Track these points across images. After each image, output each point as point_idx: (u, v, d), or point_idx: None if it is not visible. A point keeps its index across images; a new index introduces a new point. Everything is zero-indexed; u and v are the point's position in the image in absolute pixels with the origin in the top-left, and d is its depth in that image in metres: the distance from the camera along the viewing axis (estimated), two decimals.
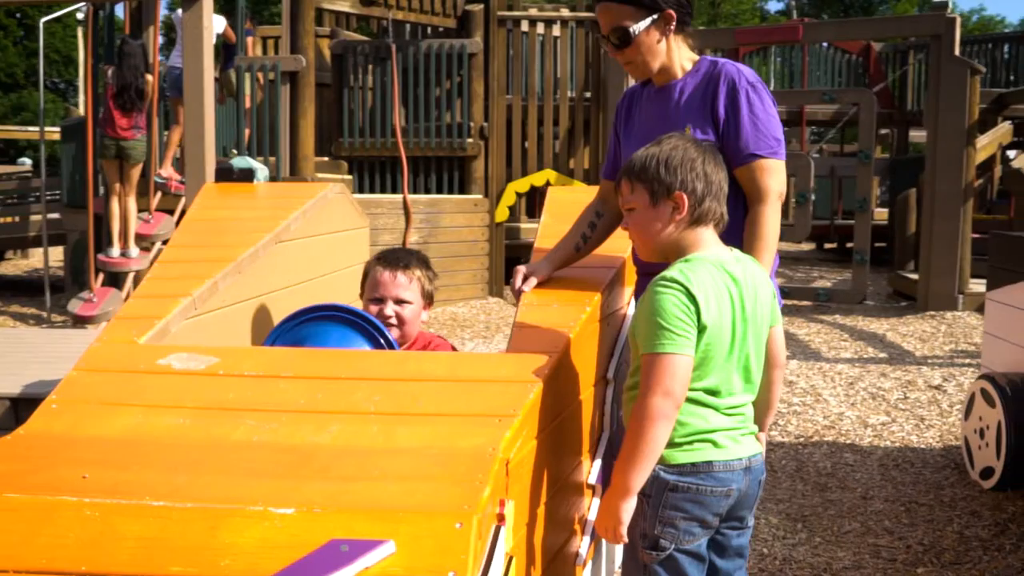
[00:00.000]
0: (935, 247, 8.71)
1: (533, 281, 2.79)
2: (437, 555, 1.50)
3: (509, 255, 11.09)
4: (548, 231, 3.51)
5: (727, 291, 2.08)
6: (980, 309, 8.83)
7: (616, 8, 2.52)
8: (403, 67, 10.00)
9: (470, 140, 10.29)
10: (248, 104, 8.65)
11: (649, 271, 2.81)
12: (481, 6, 10.26)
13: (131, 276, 7.51)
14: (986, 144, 9.19)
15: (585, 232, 2.92)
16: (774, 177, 2.56)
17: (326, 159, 10.06)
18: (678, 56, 2.65)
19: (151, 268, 3.10)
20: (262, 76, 8.71)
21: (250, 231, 3.47)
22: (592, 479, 2.84)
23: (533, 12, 10.72)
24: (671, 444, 2.06)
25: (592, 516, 2.80)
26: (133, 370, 2.34)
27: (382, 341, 2.62)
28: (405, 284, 2.87)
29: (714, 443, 2.07)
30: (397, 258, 2.92)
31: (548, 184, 11.02)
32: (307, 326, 2.67)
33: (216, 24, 6.88)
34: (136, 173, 7.54)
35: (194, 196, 6.46)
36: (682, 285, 2.01)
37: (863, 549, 3.80)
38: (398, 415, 2.10)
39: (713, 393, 2.07)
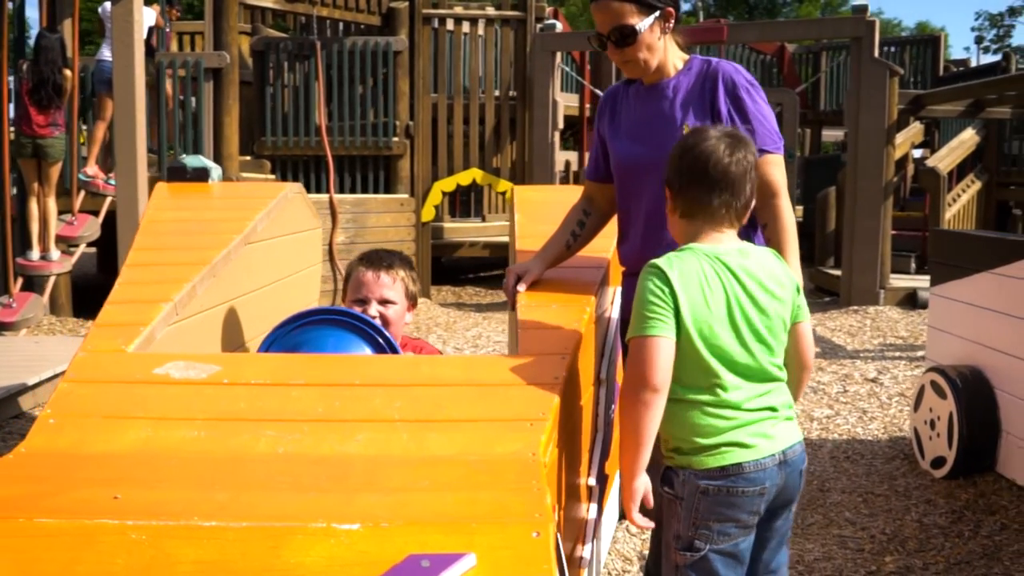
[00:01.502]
0: (857, 244, 8.97)
1: (527, 281, 2.76)
2: (519, 566, 1.45)
3: (435, 255, 11.01)
4: (525, 231, 3.48)
5: (720, 281, 2.07)
6: (901, 303, 9.14)
7: (618, 6, 2.50)
8: (327, 65, 9.82)
9: (395, 139, 10.18)
10: (170, 102, 8.37)
11: (636, 271, 2.81)
12: (406, 3, 10.16)
13: (52, 280, 7.18)
14: (900, 143, 9.50)
15: (575, 230, 2.90)
16: (780, 170, 2.61)
17: (248, 158, 9.81)
18: (672, 54, 2.66)
19: (121, 272, 2.95)
20: (184, 72, 8.43)
21: (218, 232, 3.34)
22: (592, 481, 2.81)
23: (458, 10, 10.65)
24: (699, 449, 2.07)
25: (591, 516, 2.78)
26: (129, 380, 2.22)
27: (382, 343, 2.55)
28: (389, 284, 2.81)
29: (741, 444, 2.06)
30: (380, 258, 2.85)
31: (475, 183, 11.01)
32: (302, 331, 2.57)
33: (147, 17, 6.63)
34: (55, 172, 7.21)
35: (125, 195, 6.25)
36: (657, 268, 2.06)
37: (829, 540, 3.87)
38: (425, 422, 2.03)
39: (725, 389, 2.07)
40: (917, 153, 12.51)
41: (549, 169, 10.33)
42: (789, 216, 2.58)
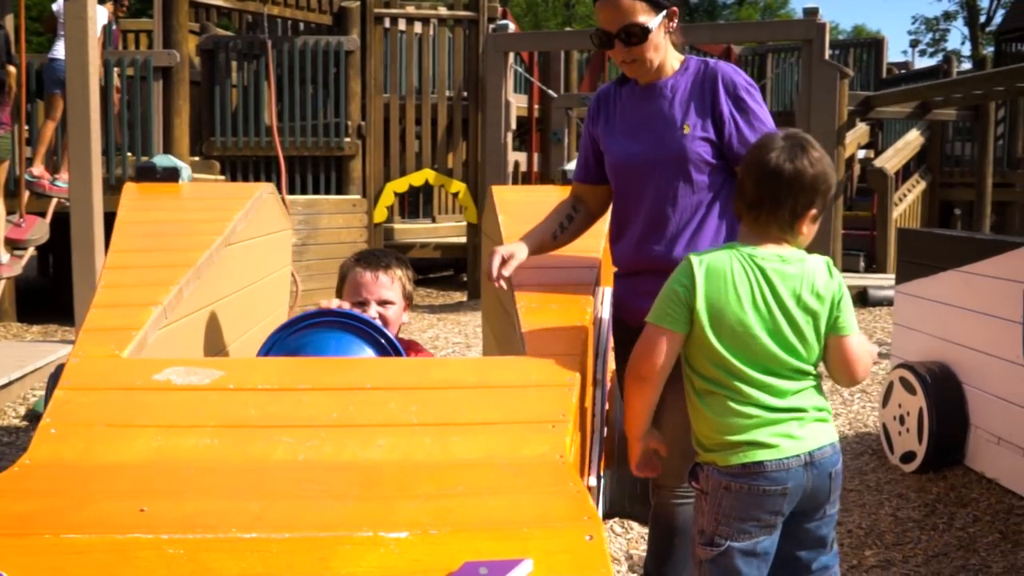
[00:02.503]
0: (809, 243, 9.08)
1: (515, 264, 2.64)
2: (577, 570, 1.43)
3: None
4: (511, 231, 3.42)
5: (748, 281, 2.10)
6: (852, 301, 9.28)
7: (629, 4, 2.48)
8: (278, 64, 9.68)
9: (347, 139, 10.08)
10: (117, 102, 8.16)
11: (631, 271, 2.80)
12: (357, 3, 10.05)
13: (1, 284, 6.95)
14: (848, 144, 9.67)
15: (563, 223, 2.85)
16: None
17: (196, 159, 9.62)
18: (670, 54, 2.65)
19: (102, 274, 2.85)
20: (132, 71, 8.23)
21: (198, 233, 3.26)
22: (592, 481, 2.80)
23: (410, 10, 10.58)
24: (722, 446, 2.11)
25: None
26: (129, 387, 2.14)
27: (385, 345, 2.50)
28: (388, 284, 2.76)
29: (763, 444, 2.07)
30: (377, 258, 2.79)
31: (427, 184, 10.94)
32: (303, 334, 2.51)
33: (100, 16, 6.45)
34: (2, 173, 6.97)
35: (79, 196, 6.06)
36: (687, 261, 2.14)
37: None
38: (445, 425, 2.00)
39: (747, 387, 2.09)
40: (861, 154, 12.75)
41: (502, 170, 10.30)
42: None
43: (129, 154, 8.21)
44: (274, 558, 1.41)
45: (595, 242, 3.16)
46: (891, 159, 9.95)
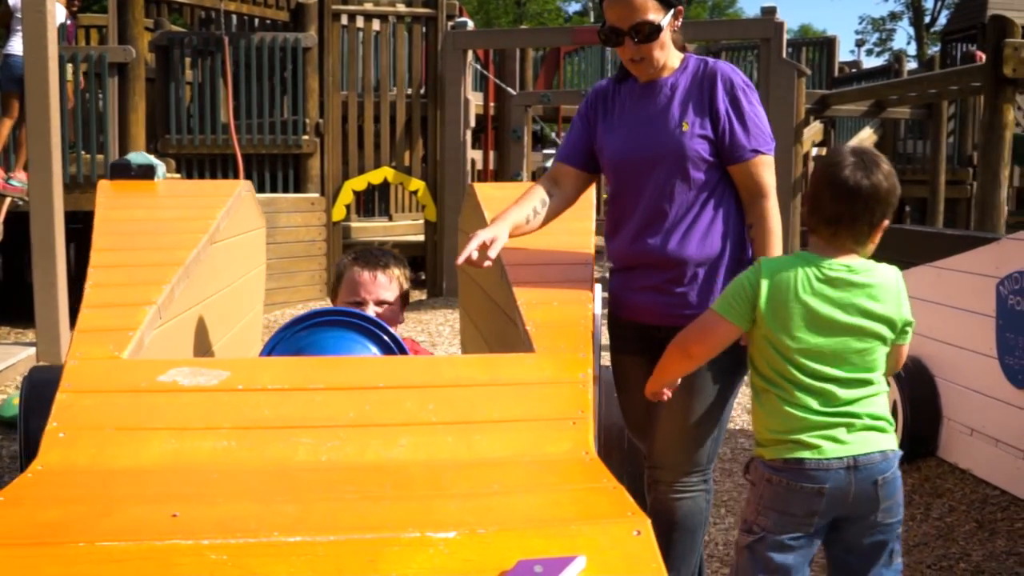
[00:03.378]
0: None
1: (499, 246, 2.55)
2: (627, 565, 1.42)
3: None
4: None
5: (811, 288, 2.17)
6: None
7: (641, 2, 2.49)
8: (234, 61, 9.53)
9: (305, 137, 9.95)
10: (71, 99, 7.96)
11: (626, 266, 2.80)
12: None
13: None
14: (804, 141, 9.79)
15: (536, 207, 2.75)
16: (771, 172, 2.66)
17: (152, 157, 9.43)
18: (672, 53, 2.66)
19: (89, 274, 2.78)
20: (87, 67, 8.04)
21: (182, 232, 3.20)
22: None
23: (368, 7, 10.48)
24: (769, 440, 2.22)
25: None
26: (135, 389, 2.09)
27: (390, 343, 2.47)
28: (386, 284, 2.72)
29: (805, 443, 2.14)
30: (375, 257, 2.76)
31: (385, 182, 10.86)
32: (307, 333, 2.47)
33: (58, 14, 6.29)
34: None
35: (40, 195, 5.91)
36: (757, 265, 2.25)
37: None
38: (465, 424, 1.98)
39: (798, 389, 2.16)
40: (814, 151, 12.94)
41: (461, 168, 10.27)
42: (775, 218, 2.63)
43: (84, 153, 8.02)
44: (321, 561, 1.38)
45: (586, 239, 3.15)
46: None
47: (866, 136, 10.73)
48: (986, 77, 6.52)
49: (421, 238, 12.37)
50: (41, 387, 3.58)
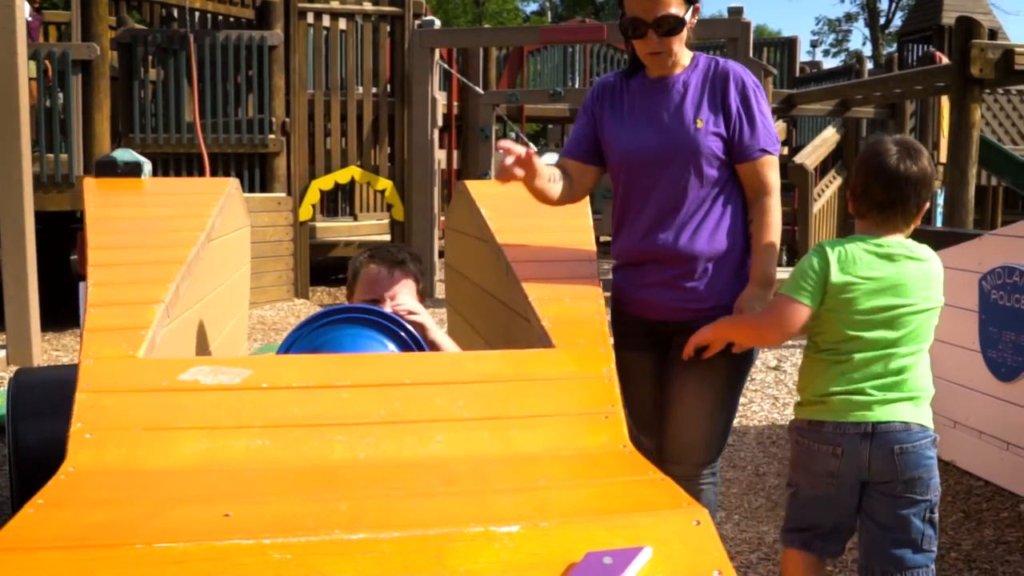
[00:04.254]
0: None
1: (535, 161, 2.55)
2: (694, 555, 1.42)
3: (314, 256, 10.72)
4: (500, 226, 3.39)
5: (871, 265, 2.32)
6: None
7: None
8: (199, 59, 9.40)
9: (272, 136, 9.85)
10: (34, 96, 7.80)
11: (634, 262, 2.80)
12: None
13: None
14: None
15: (555, 175, 2.78)
16: (776, 171, 2.72)
17: None
18: (685, 50, 2.69)
19: (89, 272, 2.72)
20: (50, 64, 7.89)
21: (179, 230, 3.15)
22: None
23: (335, 5, 10.40)
24: (801, 403, 2.42)
25: None
26: (155, 389, 2.05)
27: (408, 340, 2.45)
28: (402, 281, 2.70)
29: (828, 405, 2.30)
30: (392, 255, 2.74)
31: (352, 181, 10.79)
32: (324, 331, 2.44)
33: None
34: None
35: (9, 198, 5.78)
36: (821, 247, 2.36)
37: (780, 521, 3.98)
38: (497, 419, 1.97)
39: (836, 359, 2.32)
40: None
41: (429, 167, 10.23)
42: (777, 216, 2.68)
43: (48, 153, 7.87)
44: (388, 559, 1.36)
45: (587, 236, 3.16)
46: (810, 155, 10.23)
47: (830, 135, 10.87)
48: (953, 77, 6.64)
49: (387, 238, 12.31)
50: (28, 390, 3.51)
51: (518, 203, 3.71)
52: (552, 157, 13.74)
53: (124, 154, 3.77)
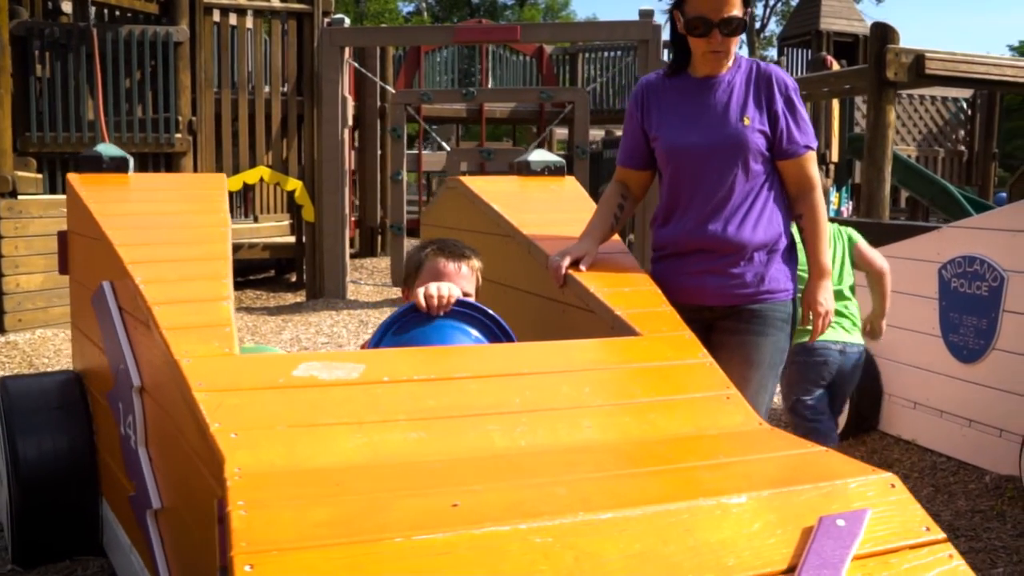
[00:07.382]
0: None
1: (588, 263, 2.79)
2: (901, 515, 1.51)
3: None
4: (521, 220, 3.40)
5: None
6: None
7: None
8: (101, 54, 9.01)
9: (178, 135, 9.54)
10: None
11: (681, 252, 2.90)
12: None
13: None
14: None
15: (616, 213, 2.99)
16: (816, 167, 2.89)
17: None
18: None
19: (131, 269, 2.60)
20: None
21: (201, 225, 3.06)
22: None
23: (242, 1, 10.14)
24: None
25: None
26: (276, 386, 2.00)
27: (497, 332, 2.45)
28: (468, 275, 2.70)
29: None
30: (459, 248, 2.73)
31: (262, 181, 10.54)
32: (397, 327, 2.42)
33: None
34: None
35: None
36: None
37: None
38: (630, 404, 2.01)
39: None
40: None
41: (339, 167, 10.10)
42: (823, 209, 2.88)
43: None
44: (646, 535, 1.39)
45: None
46: None
47: None
48: (870, 80, 7.01)
49: (290, 239, 12.07)
50: (20, 399, 3.33)
51: (522, 198, 3.75)
52: (440, 156, 13.68)
53: (108, 148, 3.61)
